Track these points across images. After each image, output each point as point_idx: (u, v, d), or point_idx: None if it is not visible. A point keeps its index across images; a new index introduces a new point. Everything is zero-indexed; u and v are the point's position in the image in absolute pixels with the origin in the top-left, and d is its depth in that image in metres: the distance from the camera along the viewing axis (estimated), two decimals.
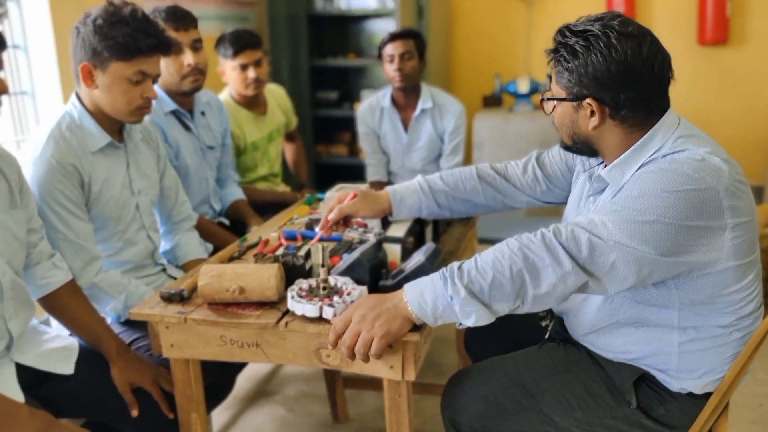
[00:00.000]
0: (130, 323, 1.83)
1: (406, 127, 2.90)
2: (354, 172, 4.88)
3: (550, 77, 1.45)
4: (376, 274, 1.48)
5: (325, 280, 1.41)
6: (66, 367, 1.60)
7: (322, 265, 1.40)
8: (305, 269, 1.53)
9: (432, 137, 2.88)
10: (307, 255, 1.55)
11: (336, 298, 1.38)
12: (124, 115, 1.83)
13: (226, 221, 2.63)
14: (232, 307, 1.46)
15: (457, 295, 1.27)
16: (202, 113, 2.49)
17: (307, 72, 4.62)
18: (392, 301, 1.32)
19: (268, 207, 2.89)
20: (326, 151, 4.88)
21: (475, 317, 1.28)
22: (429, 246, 1.51)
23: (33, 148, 1.75)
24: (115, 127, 1.89)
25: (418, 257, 1.48)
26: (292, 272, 1.52)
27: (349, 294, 1.40)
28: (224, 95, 2.86)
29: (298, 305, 1.37)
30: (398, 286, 1.42)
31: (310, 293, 1.42)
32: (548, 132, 4.18)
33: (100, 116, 1.84)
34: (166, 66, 2.26)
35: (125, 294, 1.81)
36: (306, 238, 1.87)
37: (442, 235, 1.91)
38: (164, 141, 2.30)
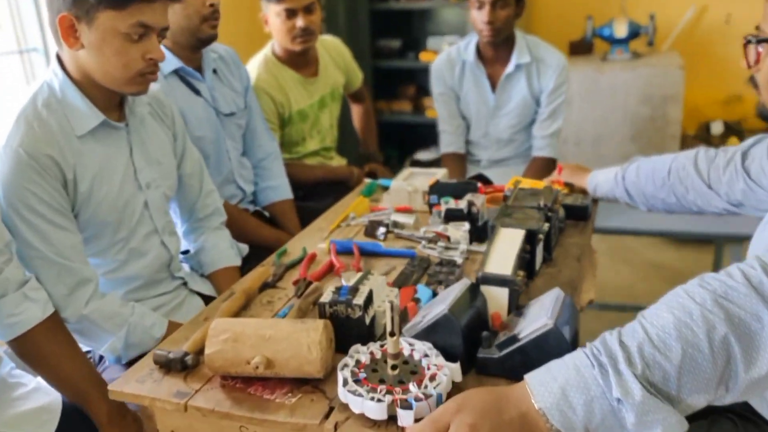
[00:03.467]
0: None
1: (494, 86, 2.31)
2: (420, 134, 4.32)
3: None
4: (472, 338, 0.97)
5: (397, 355, 0.90)
6: None
7: (392, 334, 0.89)
8: (364, 325, 1.02)
9: (525, 99, 2.29)
10: (368, 300, 1.04)
11: (413, 388, 0.87)
12: (122, 84, 1.34)
13: (265, 213, 2.13)
14: (255, 385, 0.97)
15: (629, 395, 0.74)
16: (214, 71, 1.96)
17: (367, 17, 4.03)
18: (515, 404, 0.79)
19: (318, 186, 2.39)
20: (387, 107, 4.32)
21: (661, 429, 0.75)
22: (556, 296, 0.97)
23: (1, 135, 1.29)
24: (111, 101, 1.40)
25: (538, 314, 0.95)
26: (345, 329, 1.02)
27: (433, 378, 0.89)
28: (265, 52, 2.33)
29: (355, 399, 0.87)
30: (510, 361, 0.90)
31: (374, 375, 0.91)
32: (653, 85, 3.50)
33: (89, 86, 1.36)
34: (174, 8, 1.74)
35: (126, 328, 1.35)
36: (365, 254, 1.36)
37: (555, 248, 1.36)
38: None
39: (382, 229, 1.49)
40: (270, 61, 2.29)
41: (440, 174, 1.70)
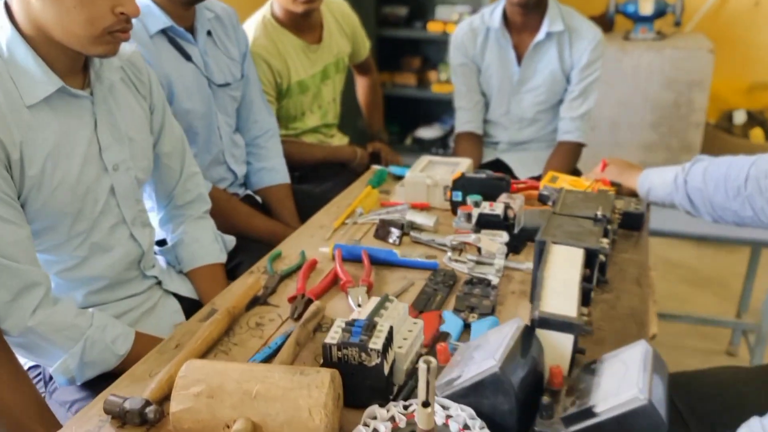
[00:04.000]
0: (91, 385, 1.14)
1: (519, 58, 2.03)
2: (423, 109, 4.05)
3: None
4: (526, 402, 0.73)
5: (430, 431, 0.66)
6: None
7: (425, 404, 0.65)
8: (382, 375, 0.78)
9: (555, 73, 2.01)
10: (388, 341, 0.80)
11: None
12: (85, 44, 1.08)
13: (257, 197, 1.86)
14: None
15: None
16: (209, 34, 1.67)
17: None
18: None
19: (317, 168, 2.13)
20: (390, 80, 4.03)
21: None
22: (642, 353, 0.73)
23: None
24: (72, 63, 1.14)
25: (622, 379, 0.71)
26: (358, 379, 0.78)
27: None
28: (263, 12, 2.04)
29: None
30: None
31: None
32: (679, 69, 3.24)
33: (44, 44, 1.09)
34: None
35: (82, 343, 1.10)
36: (376, 263, 1.12)
37: (610, 268, 1.12)
38: None
39: (396, 232, 1.24)
40: (268, 24, 2.00)
41: (464, 165, 1.45)
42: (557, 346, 0.79)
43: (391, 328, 0.81)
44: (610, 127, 3.44)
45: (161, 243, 1.50)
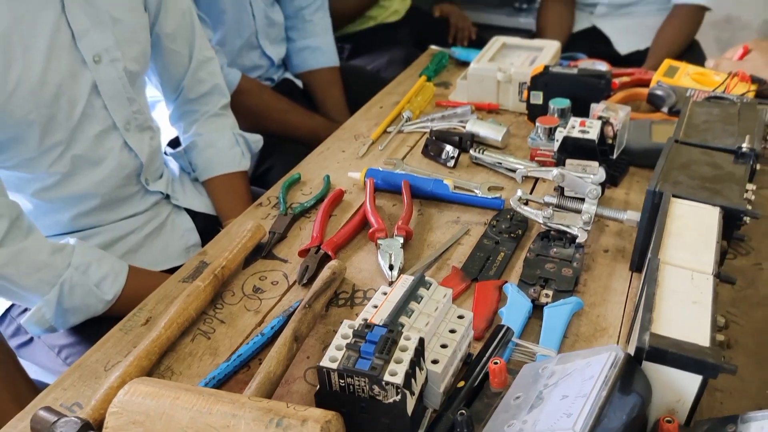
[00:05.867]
0: (81, 328, 0.96)
1: None
2: None
3: None
4: None
5: None
6: None
7: None
8: (405, 415, 0.53)
9: None
10: (414, 367, 0.54)
11: None
12: None
13: (297, 81, 1.55)
14: None
15: None
16: None
17: None
18: None
19: (374, 36, 1.78)
20: None
21: None
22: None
23: None
24: None
25: None
26: (368, 415, 0.54)
27: None
28: None
29: None
30: None
31: None
32: None
33: None
34: None
35: (59, 288, 0.90)
36: (420, 197, 0.84)
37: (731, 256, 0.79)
38: None
39: (450, 150, 0.94)
40: None
41: (549, 53, 1.09)
42: (675, 387, 0.51)
43: (421, 342, 0.55)
44: None
45: (175, 143, 1.26)
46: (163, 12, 1.09)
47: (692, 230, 0.63)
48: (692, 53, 1.65)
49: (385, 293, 0.62)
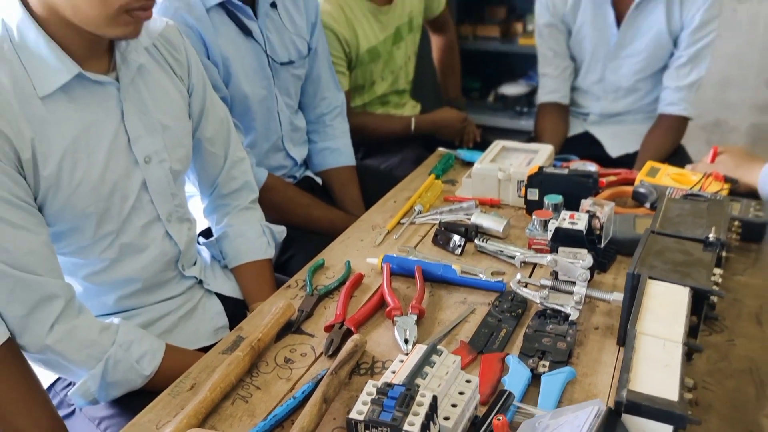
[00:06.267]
0: (120, 402, 1.05)
1: (619, 18, 1.74)
2: (507, 64, 3.75)
3: None
4: None
5: None
6: None
7: None
8: None
9: (661, 36, 1.71)
10: (429, 418, 0.63)
11: None
12: (101, 25, 0.94)
13: (317, 179, 1.71)
14: None
15: None
16: (272, 5, 1.49)
17: None
18: None
19: (385, 141, 1.95)
20: (472, 32, 3.74)
21: None
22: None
23: None
24: (91, 46, 1.00)
25: None
26: None
27: None
28: None
29: None
30: None
31: None
32: None
33: (60, 26, 0.96)
34: None
35: (104, 363, 1.00)
36: (431, 280, 0.95)
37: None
38: (206, 56, 1.37)
39: (457, 240, 1.06)
40: None
41: (544, 155, 1.24)
42: None
43: (435, 399, 0.64)
44: (720, 84, 3.06)
45: (207, 234, 1.38)
46: (204, 119, 1.25)
47: (665, 306, 0.73)
48: (677, 157, 1.79)
49: (401, 361, 0.72)
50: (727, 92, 3.08)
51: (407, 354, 0.82)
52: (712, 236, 0.83)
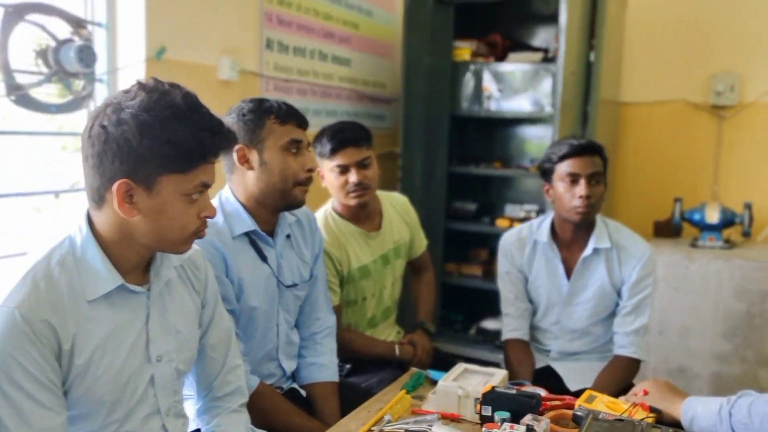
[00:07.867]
0: None
1: (568, 271, 2.07)
2: (488, 300, 4.06)
3: None
4: None
5: None
6: None
7: None
8: None
9: (604, 287, 2.03)
10: None
11: None
12: (175, 245, 1.25)
13: (302, 391, 1.89)
14: None
15: None
16: (288, 237, 1.81)
17: (445, 179, 3.96)
18: None
19: (370, 361, 2.15)
20: (457, 270, 4.12)
21: None
22: None
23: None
24: (139, 263, 1.26)
25: None
26: None
27: None
28: (325, 207, 2.21)
29: None
30: None
31: None
32: (750, 279, 3.16)
33: (115, 246, 1.22)
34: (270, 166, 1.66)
35: None
36: None
37: None
38: (225, 275, 1.64)
39: None
40: (329, 217, 2.16)
41: (498, 378, 1.45)
42: None
43: None
44: (681, 332, 3.33)
45: None
46: (211, 328, 1.46)
47: None
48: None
49: None
50: (688, 341, 3.33)
51: None
52: None
